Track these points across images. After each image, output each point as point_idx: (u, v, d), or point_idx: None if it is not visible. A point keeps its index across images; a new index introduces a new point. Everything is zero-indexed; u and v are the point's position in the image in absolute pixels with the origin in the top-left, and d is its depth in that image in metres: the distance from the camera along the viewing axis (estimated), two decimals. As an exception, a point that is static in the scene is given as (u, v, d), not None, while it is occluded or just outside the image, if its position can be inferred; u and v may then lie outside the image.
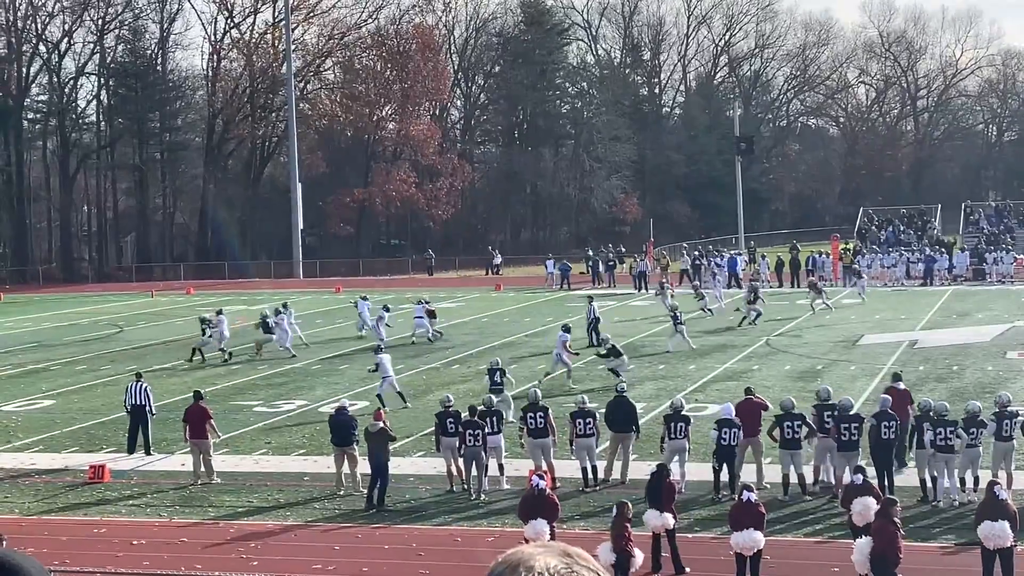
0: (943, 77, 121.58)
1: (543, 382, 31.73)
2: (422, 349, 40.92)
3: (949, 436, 20.34)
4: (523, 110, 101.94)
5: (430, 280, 73.98)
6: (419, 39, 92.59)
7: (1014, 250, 63.73)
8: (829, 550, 18.30)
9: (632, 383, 32.79)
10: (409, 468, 24.54)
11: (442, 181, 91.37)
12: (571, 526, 19.95)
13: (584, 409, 22.66)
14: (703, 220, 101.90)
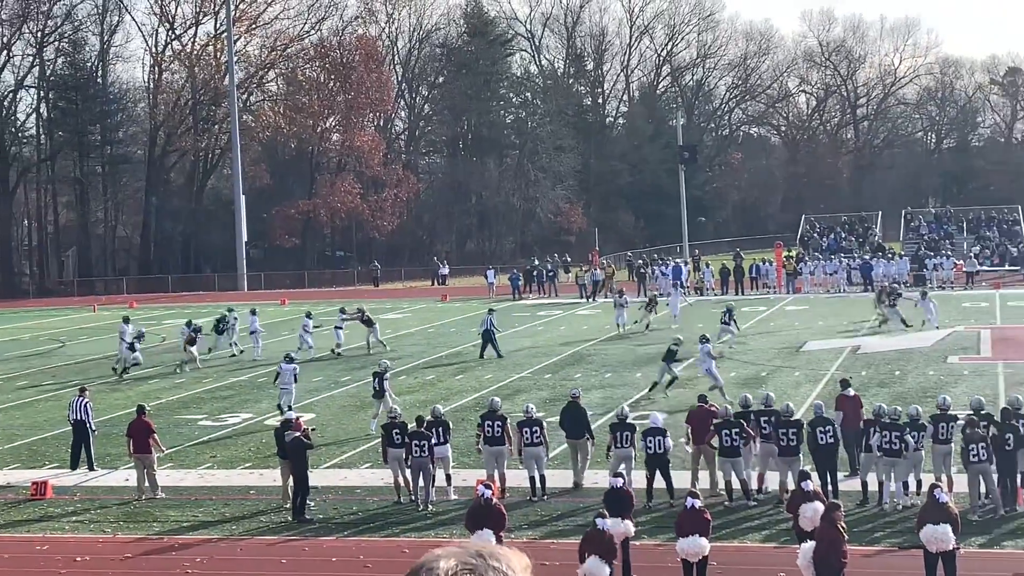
0: (882, 85, 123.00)
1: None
2: (368, 360, 40.77)
3: (894, 440, 20.56)
4: (467, 120, 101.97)
5: (376, 291, 73.79)
6: (362, 50, 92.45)
7: (953, 256, 64.56)
8: (775, 555, 18.42)
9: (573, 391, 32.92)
10: (356, 480, 24.47)
11: (387, 192, 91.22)
12: (519, 535, 19.94)
13: (531, 418, 22.69)
14: (647, 229, 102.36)
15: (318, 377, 37.98)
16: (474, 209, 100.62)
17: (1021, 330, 42.56)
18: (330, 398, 34.38)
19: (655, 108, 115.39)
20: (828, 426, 21.26)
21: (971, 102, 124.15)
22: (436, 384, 36.03)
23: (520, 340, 45.51)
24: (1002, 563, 17.75)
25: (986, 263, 65.38)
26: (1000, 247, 68.21)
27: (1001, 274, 63.21)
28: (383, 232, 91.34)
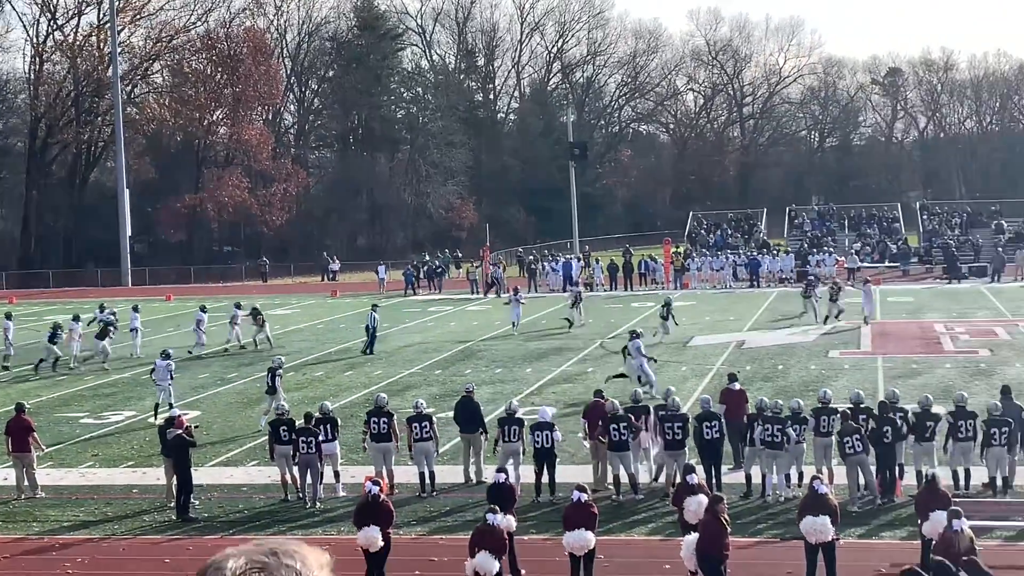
0: (767, 84, 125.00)
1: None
2: (257, 357, 40.37)
3: (776, 433, 20.93)
4: (358, 115, 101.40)
5: (265, 287, 73.06)
6: (250, 43, 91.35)
7: (835, 252, 65.86)
8: (660, 548, 18.64)
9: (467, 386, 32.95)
10: (243, 478, 24.22)
11: (276, 187, 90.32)
12: (408, 531, 19.92)
13: (421, 413, 22.66)
14: (538, 225, 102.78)
15: (204, 374, 37.53)
16: (365, 204, 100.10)
17: (900, 325, 43.59)
18: (216, 395, 33.97)
19: (546, 104, 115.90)
20: (715, 421, 21.55)
21: (853, 102, 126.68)
22: (325, 380, 35.80)
23: (410, 336, 45.43)
24: (880, 553, 18.16)
25: (867, 260, 66.77)
26: (880, 244, 69.72)
27: (881, 270, 64.60)
28: (272, 227, 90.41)
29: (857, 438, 20.23)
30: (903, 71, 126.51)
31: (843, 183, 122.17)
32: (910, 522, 18.58)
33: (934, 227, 72.84)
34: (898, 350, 37.65)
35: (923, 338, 40.29)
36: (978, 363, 34.59)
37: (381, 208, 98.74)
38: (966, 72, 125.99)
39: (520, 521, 19.41)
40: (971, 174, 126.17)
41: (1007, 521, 19.19)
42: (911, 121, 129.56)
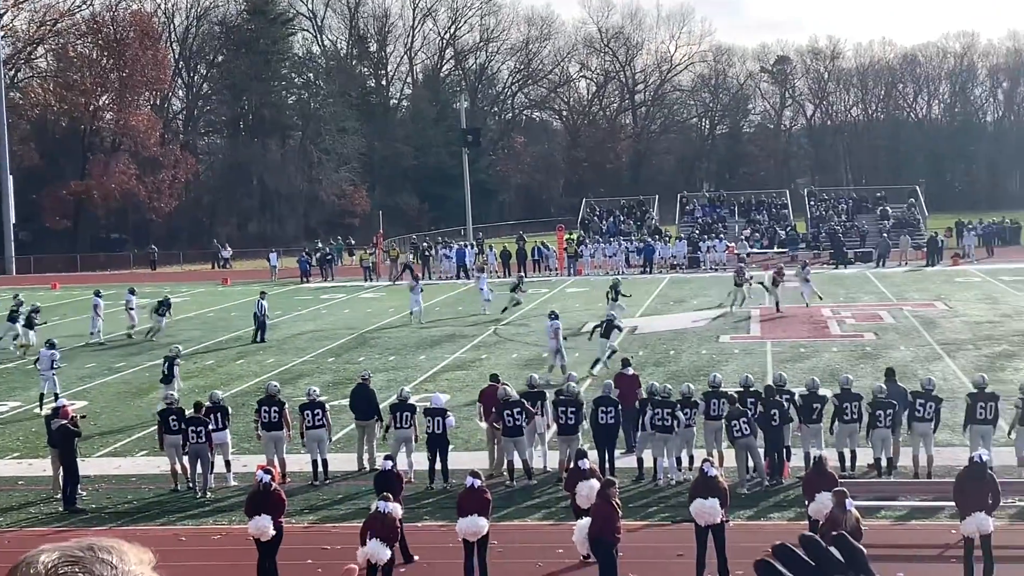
0: (659, 72, 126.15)
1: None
2: (145, 346, 39.76)
3: (666, 417, 21.17)
4: (248, 100, 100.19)
5: (153, 275, 71.93)
6: (137, 26, 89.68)
7: (726, 238, 66.73)
8: (553, 533, 18.73)
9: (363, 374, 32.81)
10: (131, 468, 23.85)
11: (164, 173, 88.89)
12: (300, 520, 19.78)
13: (314, 401, 22.50)
14: (432, 211, 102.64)
15: (91, 363, 36.86)
16: (255, 191, 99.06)
17: (788, 310, 44.26)
18: (104, 385, 33.37)
19: (439, 91, 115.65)
20: (611, 406, 21.69)
21: (742, 90, 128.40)
22: (216, 369, 35.37)
23: (303, 324, 45.08)
24: (768, 534, 18.44)
25: (756, 246, 67.78)
26: (769, 230, 70.79)
27: (770, 256, 65.60)
28: (160, 214, 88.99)
29: (744, 421, 20.53)
30: (791, 60, 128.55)
31: (733, 170, 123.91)
32: (798, 503, 18.91)
33: (821, 213, 74.16)
34: (786, 335, 38.28)
35: (810, 322, 41.01)
36: (863, 347, 35.30)
37: (272, 195, 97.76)
38: (852, 61, 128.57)
39: (413, 507, 19.42)
40: (857, 161, 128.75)
41: (894, 501, 19.62)
42: (799, 109, 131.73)
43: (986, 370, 27.84)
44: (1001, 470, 19.92)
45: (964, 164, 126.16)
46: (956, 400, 26.05)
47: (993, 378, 27.77)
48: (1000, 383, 27.60)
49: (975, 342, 35.34)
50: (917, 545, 17.73)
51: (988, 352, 33.49)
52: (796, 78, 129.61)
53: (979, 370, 28.48)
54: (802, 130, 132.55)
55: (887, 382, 22.30)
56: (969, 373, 29.63)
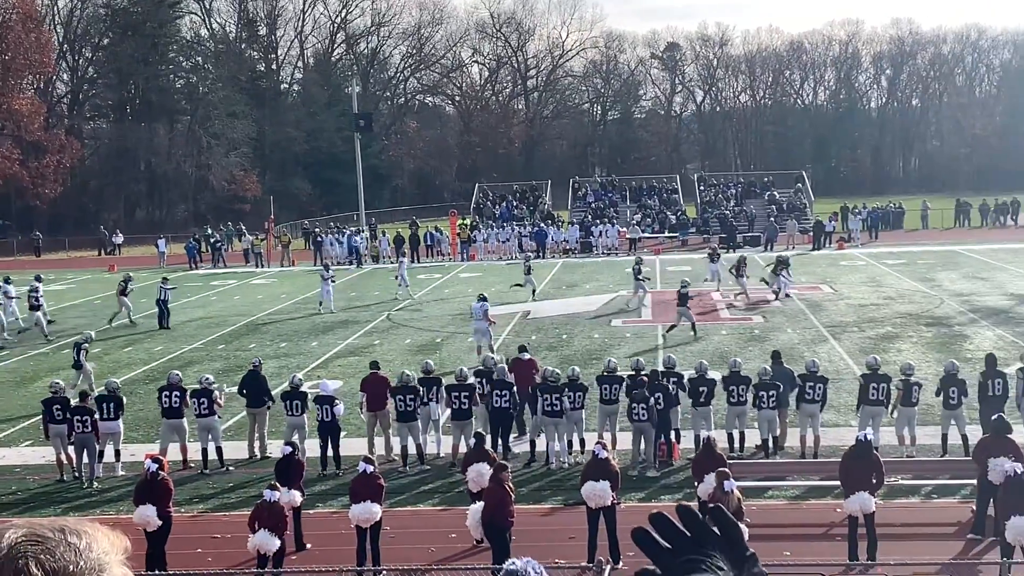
0: (551, 58, 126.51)
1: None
2: (30, 335, 38.94)
3: (555, 402, 21.32)
4: (135, 84, 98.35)
5: (38, 262, 70.41)
6: (19, 9, 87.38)
7: (618, 223, 67.28)
8: (447, 517, 18.77)
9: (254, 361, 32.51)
10: (16, 458, 23.39)
11: (49, 158, 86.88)
12: (189, 508, 19.56)
13: (205, 388, 22.26)
14: (324, 197, 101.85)
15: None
16: (143, 176, 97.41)
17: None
18: (-13, 375, 32.63)
19: (330, 76, 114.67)
20: (505, 390, 21.76)
21: (633, 75, 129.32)
22: (103, 357, 34.73)
23: (193, 311, 44.50)
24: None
25: (647, 230, 68.43)
26: (660, 215, 71.50)
27: (661, 240, 66.30)
28: (45, 200, 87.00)
29: (644, 407, 20.75)
30: (681, 46, 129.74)
31: (625, 155, 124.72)
32: (688, 484, 19.17)
33: (711, 198, 75.11)
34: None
35: (701, 306, 41.50)
36: (752, 329, 35.87)
37: (160, 180, 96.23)
38: (740, 48, 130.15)
39: (306, 495, 19.29)
40: (746, 147, 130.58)
41: (783, 481, 19.97)
42: (689, 95, 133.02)
43: (870, 352, 28.45)
44: (887, 450, 20.42)
45: (849, 150, 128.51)
46: (841, 381, 26.63)
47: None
48: (884, 365, 28.23)
49: (860, 324, 36.09)
50: (804, 524, 18.08)
51: (872, 334, 34.23)
52: (686, 64, 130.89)
53: (864, 352, 29.15)
54: (692, 116, 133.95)
55: (773, 364, 22.69)
56: (854, 355, 30.30)
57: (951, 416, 21.13)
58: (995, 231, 68.33)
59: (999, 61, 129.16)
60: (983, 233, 67.44)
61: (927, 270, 50.04)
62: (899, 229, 72.01)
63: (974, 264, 51.73)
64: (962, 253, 56.44)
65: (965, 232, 69.28)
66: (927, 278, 47.28)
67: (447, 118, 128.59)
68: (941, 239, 64.70)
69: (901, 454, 20.82)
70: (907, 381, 21.18)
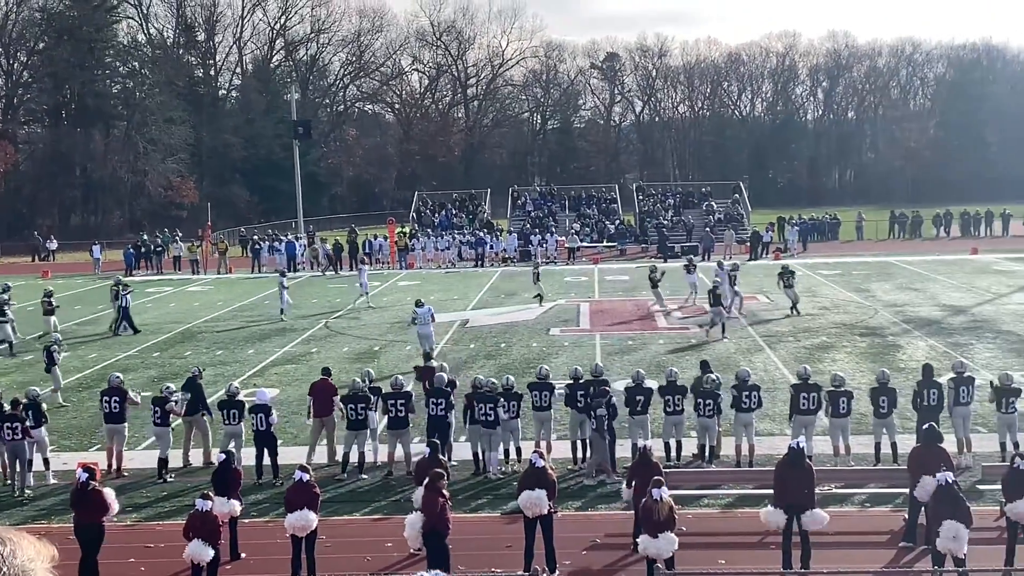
0: (491, 67, 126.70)
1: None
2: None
3: (489, 412, 21.34)
4: (71, 89, 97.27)
5: (-31, 268, 69.35)
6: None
7: (557, 232, 67.46)
8: (382, 527, 18.71)
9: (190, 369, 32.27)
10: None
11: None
12: (122, 517, 19.32)
13: (164, 396, 22.11)
14: (262, 204, 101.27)
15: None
16: (79, 182, 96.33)
17: (616, 303, 44.96)
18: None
19: (269, 82, 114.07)
20: (441, 399, 21.72)
21: (573, 85, 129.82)
22: (36, 364, 34.26)
23: (127, 318, 44.00)
24: (595, 525, 18.74)
25: (586, 240, 68.70)
26: (599, 224, 71.78)
27: (599, 250, 66.55)
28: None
29: (594, 416, 20.86)
30: (620, 56, 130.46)
31: (564, 165, 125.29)
32: (624, 493, 19.22)
33: (649, 208, 75.51)
34: (615, 327, 38.87)
35: (638, 315, 41.72)
36: (689, 339, 36.07)
37: (96, 186, 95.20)
38: (679, 59, 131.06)
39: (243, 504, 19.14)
40: (684, 157, 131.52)
41: (718, 489, 20.09)
42: (628, 105, 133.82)
43: (805, 361, 28.69)
44: (822, 459, 20.63)
45: (786, 161, 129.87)
46: (776, 391, 26.86)
47: (812, 369, 28.67)
48: (819, 374, 28.52)
49: (795, 334, 36.42)
50: (738, 532, 18.20)
51: (807, 344, 34.56)
52: (625, 75, 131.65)
53: (799, 361, 29.42)
54: (631, 126, 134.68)
55: (703, 374, 22.88)
56: (789, 364, 30.57)
57: (882, 425, 21.38)
58: (929, 243, 69.25)
59: (933, 75, 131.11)
60: (916, 245, 68.34)
61: (862, 281, 50.62)
62: (834, 240, 72.80)
63: (907, 275, 52.41)
64: (896, 264, 57.16)
65: (899, 243, 70.18)
66: (862, 288, 47.83)
67: (387, 126, 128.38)
68: (875, 250, 65.51)
69: (836, 463, 21.03)
70: (834, 392, 21.40)
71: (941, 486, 15.12)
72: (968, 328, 36.90)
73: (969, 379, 22.00)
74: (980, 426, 23.22)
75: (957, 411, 21.62)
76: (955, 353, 31.19)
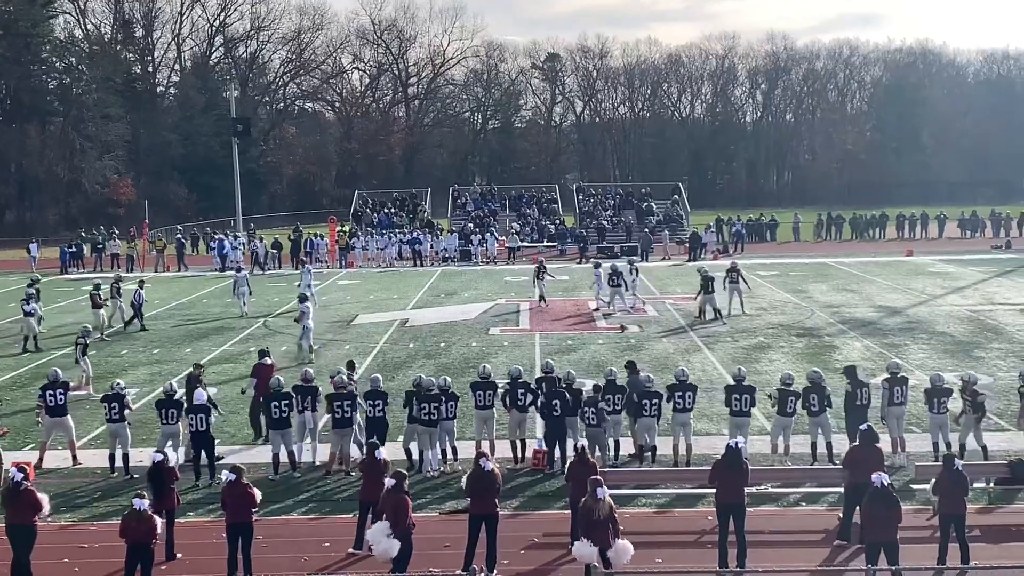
0: (432, 66, 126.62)
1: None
2: None
3: (433, 411, 21.33)
4: (6, 85, 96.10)
5: (-100, 265, 68.27)
6: None
7: (497, 232, 67.49)
8: (319, 526, 18.63)
9: (126, 368, 32.00)
10: None
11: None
12: (57, 517, 19.09)
13: (117, 393, 21.89)
14: (200, 202, 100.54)
15: None
16: (13, 178, 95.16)
17: (556, 303, 45.03)
18: None
19: (208, 79, 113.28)
20: (379, 399, 21.66)
21: (514, 85, 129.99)
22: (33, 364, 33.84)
23: (63, 316, 43.55)
24: (534, 524, 18.76)
25: (527, 239, 68.80)
26: (540, 224, 71.92)
27: (539, 249, 66.65)
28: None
29: (594, 411, 21.04)
30: (561, 57, 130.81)
31: (505, 164, 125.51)
32: (563, 493, 19.28)
33: (589, 208, 75.75)
34: (555, 327, 38.94)
35: (578, 315, 41.83)
36: (628, 339, 36.21)
37: (32, 182, 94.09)
38: (620, 60, 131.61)
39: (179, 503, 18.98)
40: (624, 158, 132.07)
41: (655, 489, 20.18)
42: (569, 106, 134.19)
43: (742, 362, 28.91)
44: (758, 458, 20.78)
45: (725, 162, 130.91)
46: (714, 391, 27.03)
47: (750, 369, 28.91)
48: (756, 374, 28.76)
49: (733, 335, 36.68)
50: (675, 532, 18.30)
51: (745, 344, 34.81)
52: (566, 75, 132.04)
53: (736, 361, 29.64)
54: (572, 126, 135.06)
55: (629, 375, 23.00)
56: (727, 364, 30.79)
57: (816, 424, 21.57)
58: (865, 244, 70.01)
59: (870, 78, 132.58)
60: (852, 246, 69.06)
61: (799, 282, 51.08)
62: (772, 241, 73.41)
63: (844, 276, 52.96)
64: (832, 265, 57.75)
65: (835, 245, 70.90)
66: (799, 289, 48.27)
67: (327, 124, 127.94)
68: (812, 251, 66.14)
69: (772, 462, 21.20)
70: (784, 391, 21.52)
71: (876, 487, 15.30)
72: (903, 329, 37.35)
73: (903, 379, 22.27)
74: (914, 426, 23.51)
75: (891, 411, 21.87)
76: (890, 354, 31.56)
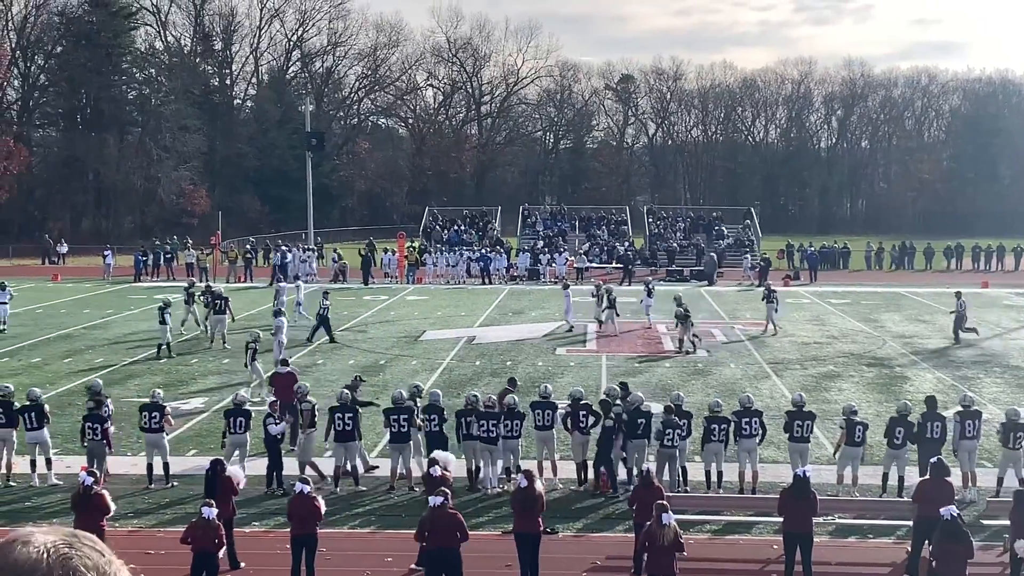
0: (505, 84, 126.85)
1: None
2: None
3: (492, 429, 21.37)
4: (87, 94, 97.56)
5: (-21, 269, 69.51)
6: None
7: (567, 251, 67.44)
8: (382, 541, 18.65)
9: (195, 377, 32.29)
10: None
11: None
12: (124, 524, 19.30)
13: (156, 403, 22.12)
14: (273, 214, 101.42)
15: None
16: (91, 186, 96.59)
17: (624, 325, 44.87)
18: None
19: (284, 93, 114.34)
20: (434, 414, 21.70)
21: (587, 106, 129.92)
22: (43, 367, 34.34)
23: (135, 323, 44.12)
24: (596, 546, 18.66)
25: (595, 260, 68.69)
26: (608, 245, 71.79)
27: (608, 271, 66.49)
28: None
29: (676, 432, 20.97)
30: (635, 78, 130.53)
31: (576, 184, 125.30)
32: (627, 516, 19.16)
33: (659, 231, 75.49)
34: (621, 349, 38.82)
35: (645, 338, 41.66)
36: (696, 363, 36.00)
37: (108, 191, 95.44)
38: (694, 83, 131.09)
39: (244, 512, 19.13)
40: (696, 181, 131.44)
41: (718, 515, 20.02)
42: (641, 127, 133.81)
43: (811, 390, 28.64)
44: (825, 488, 20.53)
45: (798, 188, 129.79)
46: (782, 419, 26.72)
47: (818, 398, 28.64)
48: (825, 403, 28.48)
49: (802, 362, 36.34)
50: (740, 559, 18.12)
51: (814, 372, 34.47)
52: (639, 97, 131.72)
53: (805, 389, 29.33)
54: (644, 148, 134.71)
55: (622, 394, 22.87)
56: (795, 392, 30.47)
57: (894, 456, 21.27)
58: (939, 274, 69.10)
59: (948, 107, 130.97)
60: (927, 276, 68.20)
61: (871, 311, 50.51)
62: (844, 269, 72.71)
63: (917, 306, 52.31)
64: (906, 295, 57.05)
65: (909, 274, 70.04)
66: (870, 319, 47.73)
67: (399, 140, 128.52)
68: (885, 280, 65.41)
69: (838, 492, 20.93)
70: (850, 421, 21.27)
71: (946, 520, 15.05)
72: (976, 362, 36.79)
73: (976, 413, 21.93)
74: (986, 460, 23.12)
75: (963, 445, 21.54)
76: (962, 386, 31.10)
